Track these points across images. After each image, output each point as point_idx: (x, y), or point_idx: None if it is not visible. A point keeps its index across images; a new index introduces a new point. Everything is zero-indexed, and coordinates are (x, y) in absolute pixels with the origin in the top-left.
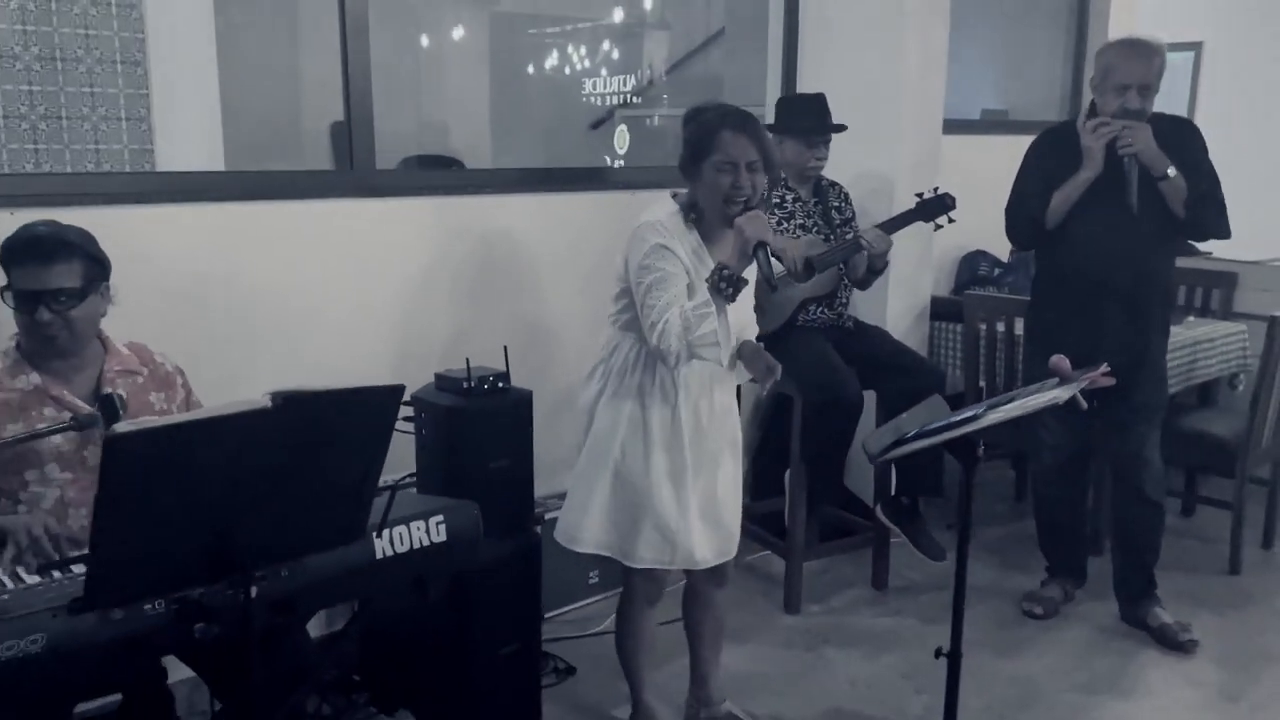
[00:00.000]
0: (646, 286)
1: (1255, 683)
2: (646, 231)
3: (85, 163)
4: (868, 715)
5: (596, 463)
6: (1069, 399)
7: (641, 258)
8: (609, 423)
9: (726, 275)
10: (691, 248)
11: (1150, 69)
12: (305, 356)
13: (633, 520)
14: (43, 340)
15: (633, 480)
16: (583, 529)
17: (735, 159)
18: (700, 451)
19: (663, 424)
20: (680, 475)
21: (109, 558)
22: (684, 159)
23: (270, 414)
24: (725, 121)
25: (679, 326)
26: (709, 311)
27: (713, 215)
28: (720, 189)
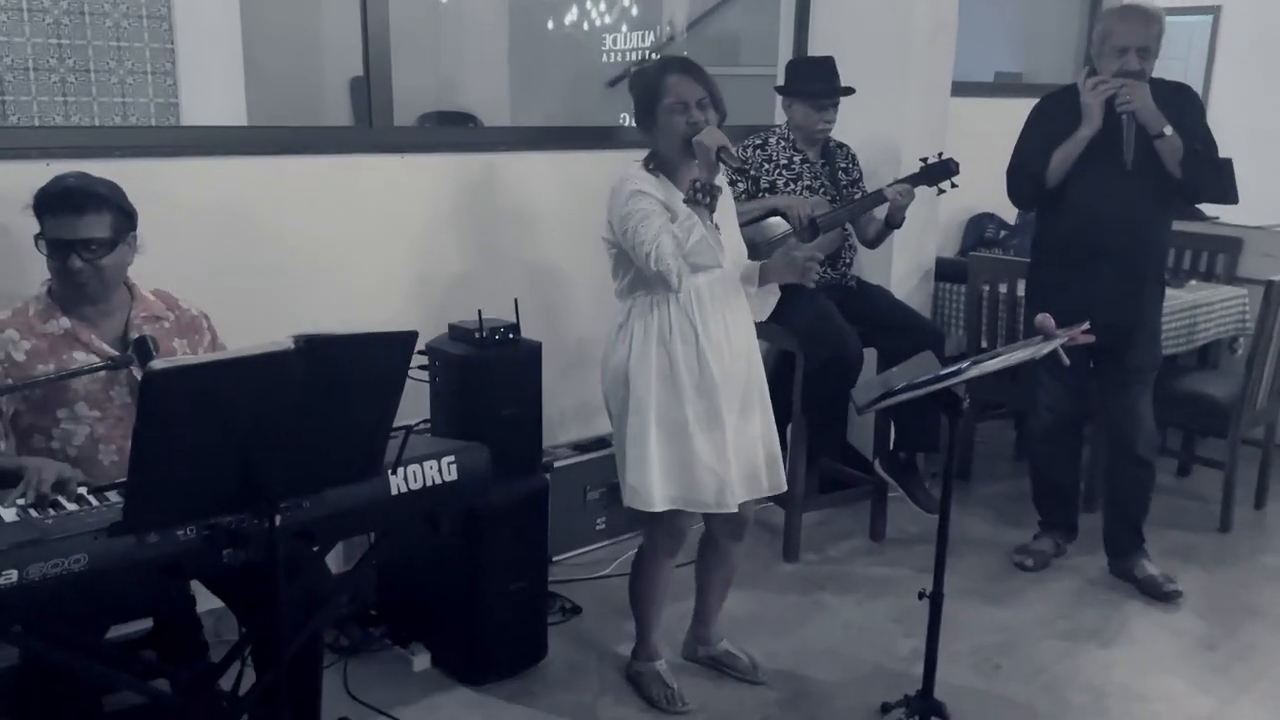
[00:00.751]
0: (633, 228)
1: (1234, 635)
2: (621, 186)
3: (113, 115)
4: (858, 656)
5: (642, 421)
6: (1050, 354)
7: (621, 206)
8: (643, 380)
9: (700, 185)
10: (665, 194)
11: (1149, 32)
12: (324, 306)
13: (683, 466)
14: (74, 287)
15: (675, 428)
16: (650, 487)
17: (685, 98)
18: (730, 388)
19: (689, 368)
20: (715, 414)
21: (145, 485)
22: (639, 113)
23: (293, 355)
24: (668, 67)
25: (671, 245)
26: (694, 222)
27: (675, 158)
28: (677, 129)
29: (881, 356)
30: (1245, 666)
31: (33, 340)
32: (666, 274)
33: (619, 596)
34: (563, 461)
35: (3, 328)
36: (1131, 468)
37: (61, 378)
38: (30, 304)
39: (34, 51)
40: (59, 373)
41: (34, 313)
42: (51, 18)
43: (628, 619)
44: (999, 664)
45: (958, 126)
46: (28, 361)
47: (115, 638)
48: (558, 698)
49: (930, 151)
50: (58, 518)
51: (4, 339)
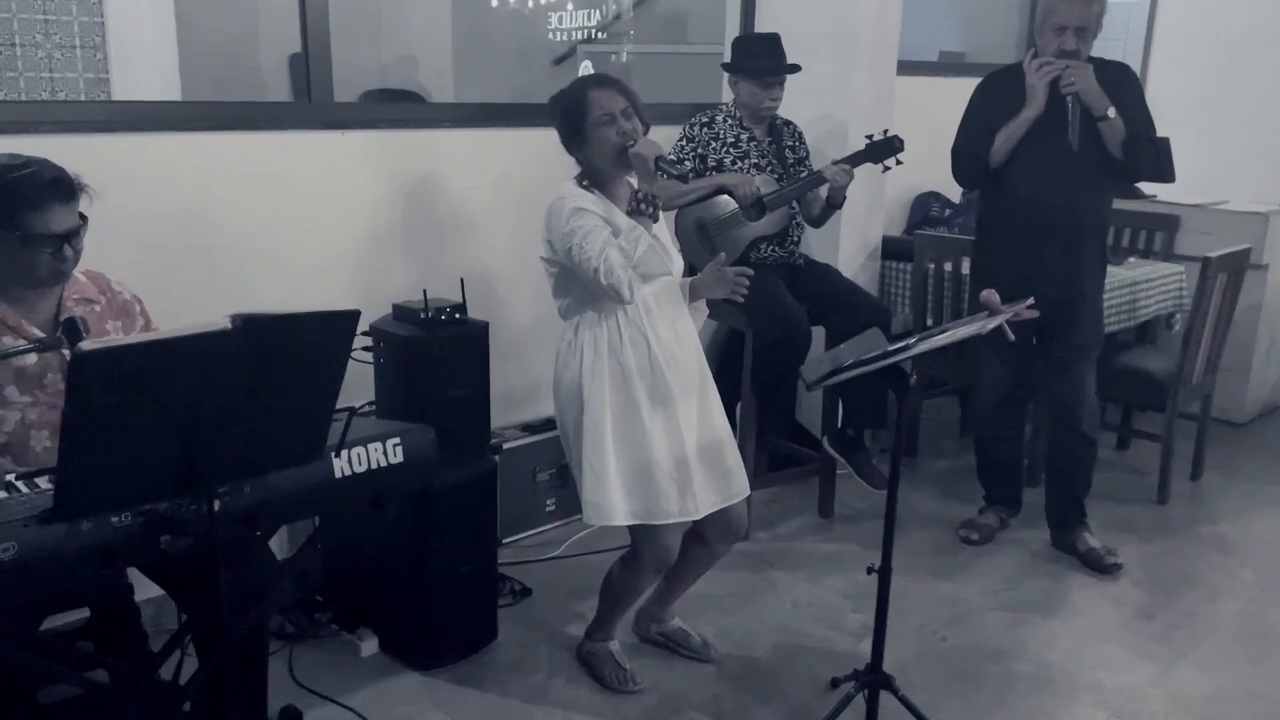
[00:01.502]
0: (577, 244)
1: (1172, 604)
2: (559, 205)
3: (40, 91)
4: (808, 632)
5: (599, 436)
6: (995, 330)
7: (563, 224)
8: (597, 394)
9: (643, 196)
10: (603, 209)
11: (1088, 12)
12: (263, 287)
13: (645, 478)
14: (51, 276)
15: (633, 437)
16: (610, 502)
17: (610, 109)
18: (684, 390)
19: (643, 373)
20: (672, 419)
21: (77, 470)
22: (566, 135)
23: (230, 335)
24: (588, 83)
25: (619, 257)
26: (639, 233)
27: (610, 170)
28: (609, 140)
29: (829, 334)
30: (1183, 634)
31: None
32: (618, 286)
33: (570, 578)
34: (512, 443)
35: None
36: (1075, 445)
37: None
38: None
39: None
40: None
41: None
42: None
43: (579, 600)
44: (945, 636)
45: (903, 106)
46: None
47: (50, 629)
48: (509, 680)
49: (876, 129)
50: None
51: None
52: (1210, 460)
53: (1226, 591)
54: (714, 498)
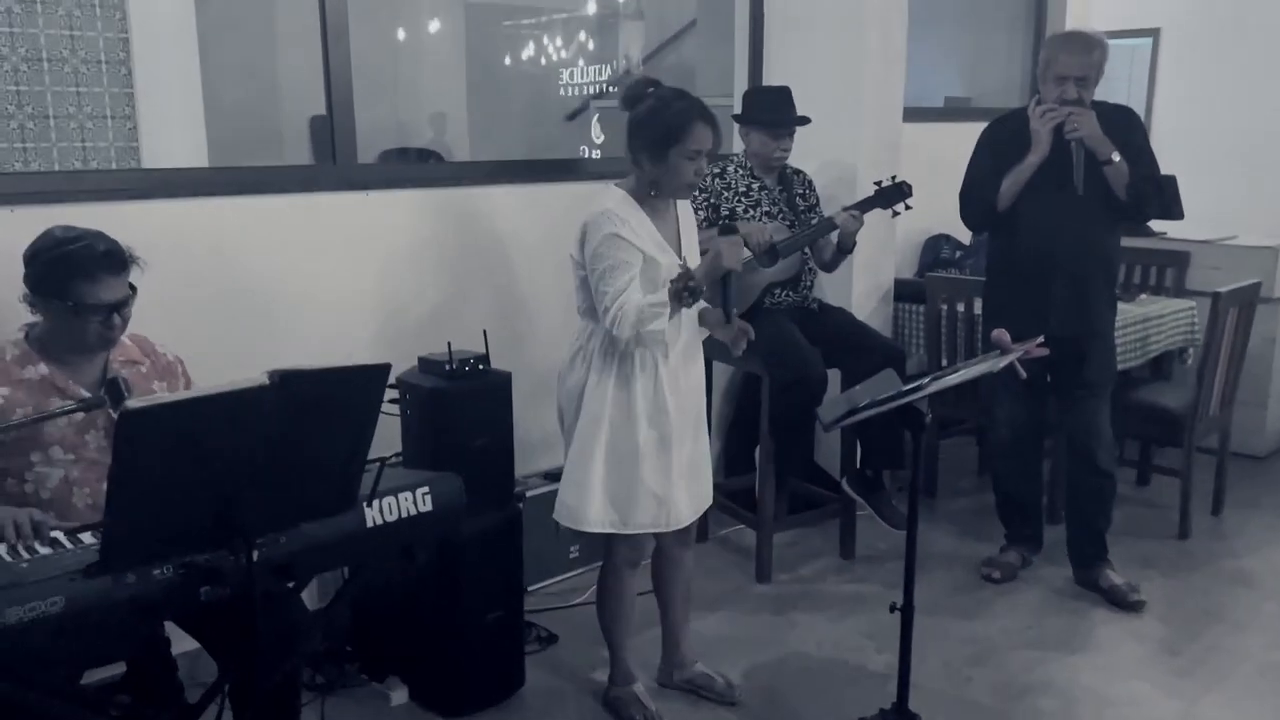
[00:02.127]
0: (600, 273)
1: (1197, 639)
2: (601, 221)
3: (73, 160)
4: (833, 672)
5: (589, 443)
6: (1006, 367)
7: (596, 245)
8: (597, 404)
9: (691, 288)
10: (647, 226)
11: (1088, 62)
12: (293, 345)
13: (628, 489)
14: (99, 342)
15: (623, 454)
16: (585, 508)
17: (702, 148)
18: (681, 420)
19: (646, 396)
20: (665, 443)
21: (122, 524)
22: (646, 143)
23: (268, 390)
24: (694, 112)
25: (634, 317)
26: (662, 312)
27: (666, 193)
28: (685, 174)
29: (845, 376)
30: (1208, 669)
31: (9, 387)
32: (620, 335)
33: (595, 624)
34: (535, 491)
35: None
36: (1093, 479)
37: (37, 420)
38: (7, 349)
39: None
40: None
41: (10, 359)
42: (10, 65)
43: (604, 646)
44: (970, 675)
45: (911, 151)
46: (5, 407)
47: (89, 683)
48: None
49: (884, 175)
50: (32, 561)
51: None
52: (1231, 494)
53: (1251, 625)
54: (686, 513)
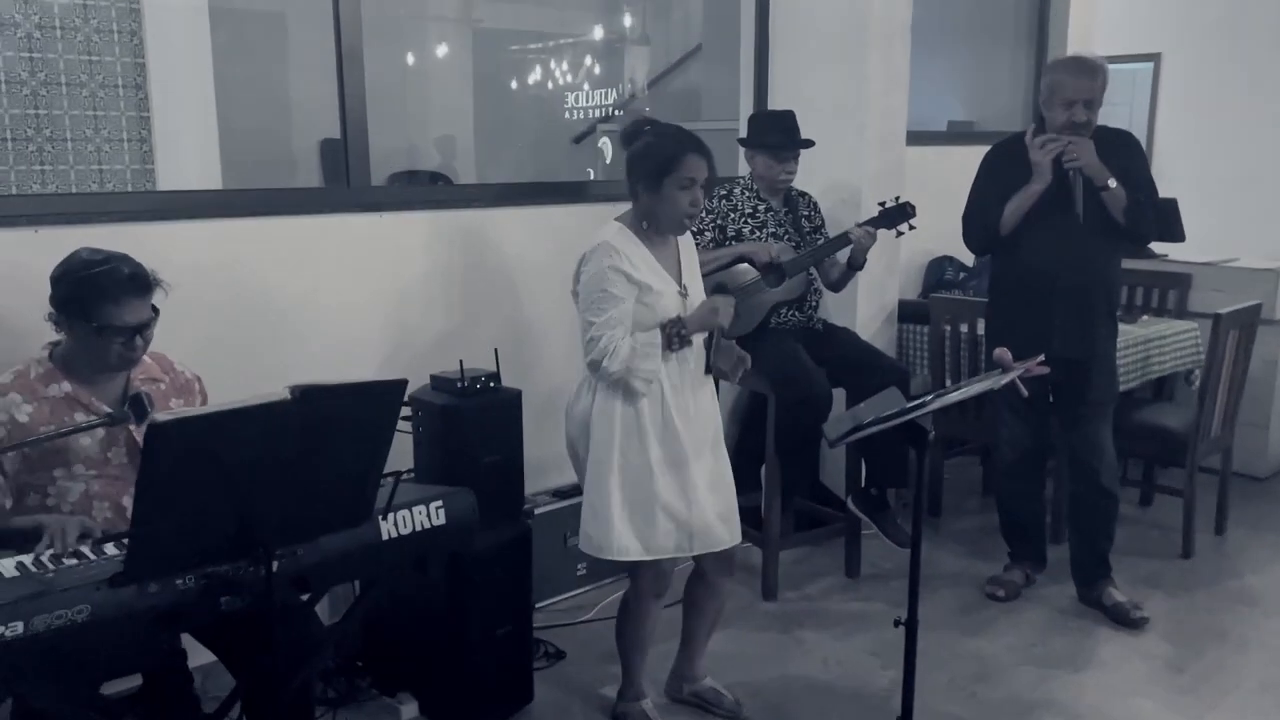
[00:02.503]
0: (590, 302)
1: (1200, 656)
2: (600, 254)
3: (89, 182)
4: (838, 689)
5: (602, 470)
6: (1011, 389)
7: (590, 278)
8: (605, 430)
9: (681, 334)
10: (646, 258)
11: (1094, 85)
12: (306, 363)
13: (646, 515)
14: (121, 363)
15: (637, 477)
16: (608, 537)
17: (696, 177)
18: (694, 440)
19: (654, 418)
20: (680, 463)
21: (148, 535)
22: (641, 175)
23: (289, 405)
24: (685, 146)
25: (626, 353)
26: (654, 351)
27: (665, 227)
28: (681, 205)
29: (849, 395)
30: (1212, 686)
31: (35, 403)
32: (604, 372)
33: (602, 641)
34: (543, 508)
35: (5, 391)
36: (1095, 498)
37: (62, 434)
38: (31, 367)
39: (11, 122)
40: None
41: (35, 376)
42: (29, 89)
43: (611, 662)
44: (975, 691)
45: (915, 174)
46: (30, 424)
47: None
48: None
49: (888, 197)
50: (58, 571)
51: (7, 402)
52: (1233, 514)
53: (1254, 643)
54: (708, 539)
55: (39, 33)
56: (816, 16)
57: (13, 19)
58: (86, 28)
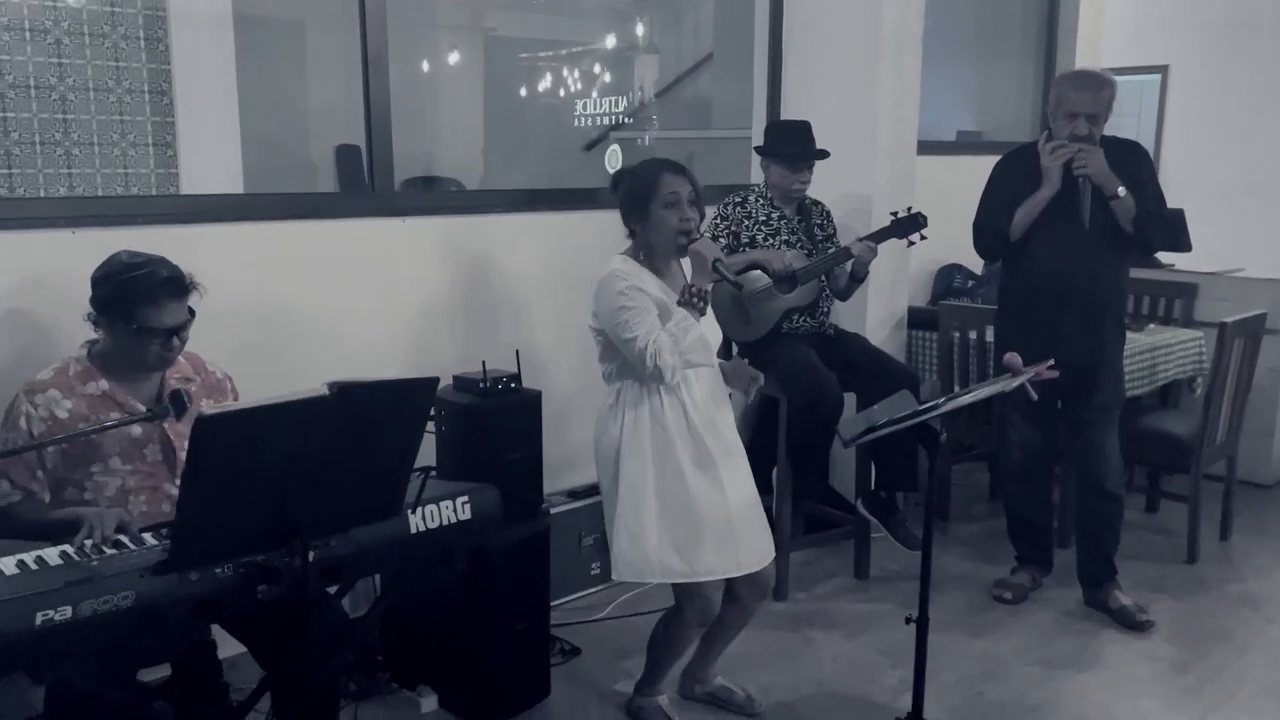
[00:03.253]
0: (624, 322)
1: (1204, 658)
2: (612, 279)
3: (115, 185)
4: (848, 687)
5: (638, 495)
6: (1020, 394)
7: (614, 299)
8: (637, 455)
9: (696, 291)
10: (654, 283)
11: (1098, 99)
12: (330, 364)
13: (690, 533)
14: (158, 363)
15: (677, 501)
16: (646, 559)
17: (679, 193)
18: (725, 460)
19: (683, 437)
20: (709, 467)
21: (191, 525)
22: (629, 210)
23: (327, 401)
24: (662, 167)
25: (669, 343)
26: (690, 324)
27: (664, 251)
28: (670, 224)
29: (860, 399)
30: (1215, 687)
31: (73, 400)
32: (664, 369)
33: (616, 638)
34: (558, 508)
35: (45, 388)
36: (1101, 502)
37: (105, 428)
38: (70, 364)
39: (40, 126)
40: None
41: (73, 374)
42: (57, 94)
43: (626, 658)
44: (982, 691)
45: (924, 183)
46: (69, 420)
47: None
48: None
49: (899, 206)
50: (103, 559)
51: (48, 398)
52: (1238, 521)
53: (1256, 646)
54: (751, 558)
55: (68, 39)
56: (829, 27)
57: (43, 25)
58: (114, 34)
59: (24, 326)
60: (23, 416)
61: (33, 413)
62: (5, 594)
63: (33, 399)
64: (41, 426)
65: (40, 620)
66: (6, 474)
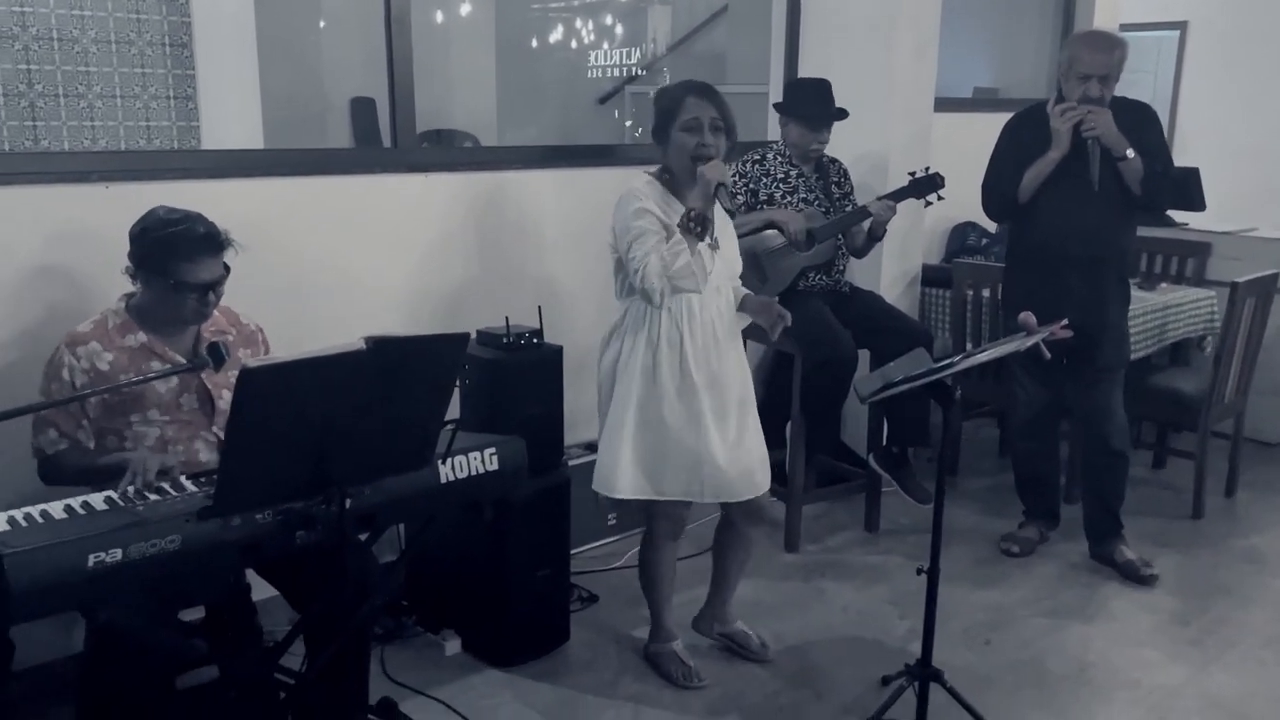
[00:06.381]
0: (629, 243)
1: (1206, 611)
2: (626, 200)
3: (137, 139)
4: (858, 636)
5: (620, 416)
6: (1031, 348)
7: (625, 217)
8: (626, 379)
9: (694, 215)
10: (666, 208)
11: (1110, 60)
12: (354, 319)
13: (658, 458)
14: (194, 317)
15: (653, 424)
16: (617, 476)
17: (700, 118)
18: (715, 399)
19: (672, 372)
20: (696, 418)
21: (235, 472)
22: (656, 126)
23: (364, 355)
24: (689, 89)
25: (658, 265)
26: (682, 249)
27: (683, 174)
28: (687, 147)
29: (874, 356)
30: (1216, 639)
31: (114, 352)
32: (650, 291)
33: (632, 586)
34: (576, 460)
35: (86, 340)
36: (1107, 458)
37: (149, 379)
38: (109, 317)
39: (63, 79)
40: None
41: (113, 326)
42: (80, 46)
43: (642, 606)
44: (989, 639)
45: (940, 140)
46: (110, 372)
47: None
48: (582, 677)
49: (916, 165)
50: (148, 504)
51: (89, 350)
52: (1243, 478)
53: (1258, 600)
54: (721, 491)
55: None
56: None
57: None
58: None
59: (59, 280)
60: (65, 368)
61: (75, 364)
62: (59, 537)
63: (74, 351)
64: (84, 378)
65: (92, 562)
66: (54, 423)
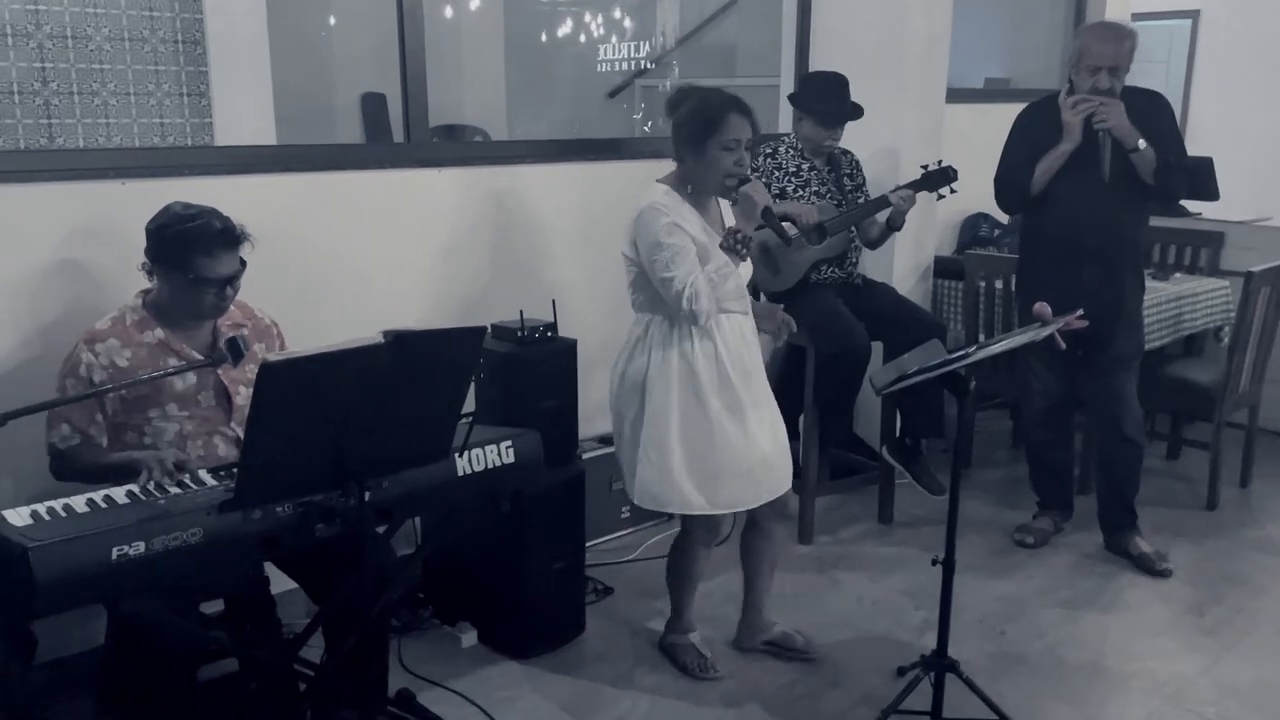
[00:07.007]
0: (664, 262)
1: (1220, 601)
2: (652, 214)
3: (151, 136)
4: (873, 626)
5: (662, 428)
6: (1046, 338)
7: (654, 236)
8: (663, 389)
9: (740, 237)
10: (694, 219)
11: (1120, 51)
12: (368, 313)
13: (712, 470)
14: (211, 311)
15: (698, 432)
16: (668, 492)
17: (740, 138)
18: (749, 395)
19: (709, 373)
20: (737, 413)
21: (256, 465)
22: (689, 136)
23: (383, 349)
24: (732, 105)
25: (707, 288)
26: (730, 270)
27: (708, 188)
28: (723, 166)
29: (887, 348)
30: (1231, 628)
31: (132, 349)
32: (699, 314)
33: (646, 579)
34: (590, 454)
35: (105, 336)
36: (1120, 448)
37: (169, 374)
38: (126, 314)
39: (77, 76)
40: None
41: (130, 323)
42: (94, 44)
43: (657, 598)
44: (1004, 630)
45: (951, 131)
46: (129, 368)
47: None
48: (597, 668)
49: (927, 157)
50: (169, 498)
51: (108, 347)
52: (1258, 468)
53: (1272, 590)
54: (772, 487)
55: None
56: None
57: None
58: None
59: (77, 276)
60: (83, 364)
61: (94, 361)
62: (82, 530)
63: (93, 347)
64: (103, 374)
65: (116, 554)
66: (67, 419)
